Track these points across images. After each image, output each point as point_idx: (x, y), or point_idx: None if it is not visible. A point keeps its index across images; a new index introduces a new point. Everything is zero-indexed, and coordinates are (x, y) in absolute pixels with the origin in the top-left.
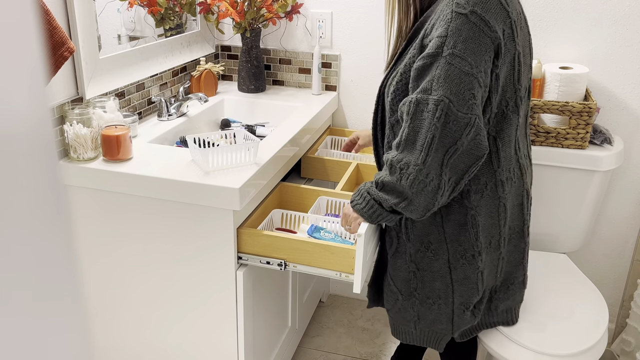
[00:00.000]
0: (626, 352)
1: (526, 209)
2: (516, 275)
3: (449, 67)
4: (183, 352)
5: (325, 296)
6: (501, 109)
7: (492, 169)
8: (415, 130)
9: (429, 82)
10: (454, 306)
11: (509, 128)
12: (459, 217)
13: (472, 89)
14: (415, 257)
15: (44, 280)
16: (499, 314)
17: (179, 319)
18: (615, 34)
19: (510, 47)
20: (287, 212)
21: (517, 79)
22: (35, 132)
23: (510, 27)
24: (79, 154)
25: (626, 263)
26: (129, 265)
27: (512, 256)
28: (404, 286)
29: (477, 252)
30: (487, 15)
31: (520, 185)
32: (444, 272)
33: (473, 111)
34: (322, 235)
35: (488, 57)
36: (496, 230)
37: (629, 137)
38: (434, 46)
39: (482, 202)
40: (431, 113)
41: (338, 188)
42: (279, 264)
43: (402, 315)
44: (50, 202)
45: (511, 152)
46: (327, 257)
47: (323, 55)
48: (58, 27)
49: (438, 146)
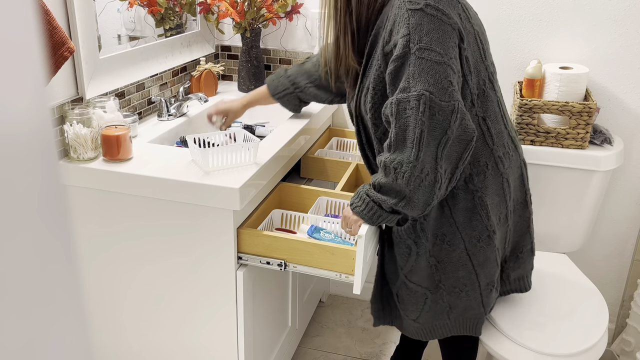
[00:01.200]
0: (626, 352)
1: (526, 179)
2: (524, 244)
3: (420, 61)
4: (183, 352)
5: (325, 296)
6: (481, 89)
7: (488, 148)
8: (402, 129)
9: (406, 81)
10: (481, 289)
11: (492, 105)
12: (466, 203)
13: (447, 76)
14: (433, 252)
15: (44, 280)
16: (512, 282)
17: (179, 319)
18: (615, 34)
19: (469, 28)
20: (287, 212)
21: (484, 57)
22: (35, 132)
23: (462, 9)
24: (79, 154)
25: (626, 263)
26: (129, 265)
27: (518, 226)
28: (429, 282)
29: (492, 232)
30: (440, 4)
31: (517, 157)
32: (465, 261)
33: (454, 97)
34: (322, 235)
35: (453, 43)
36: (503, 206)
37: (629, 137)
38: (401, 47)
39: (487, 182)
40: (415, 109)
41: (338, 188)
42: (279, 264)
43: (434, 311)
44: (50, 202)
45: (501, 127)
46: (327, 257)
47: None
48: (58, 27)
49: (429, 139)
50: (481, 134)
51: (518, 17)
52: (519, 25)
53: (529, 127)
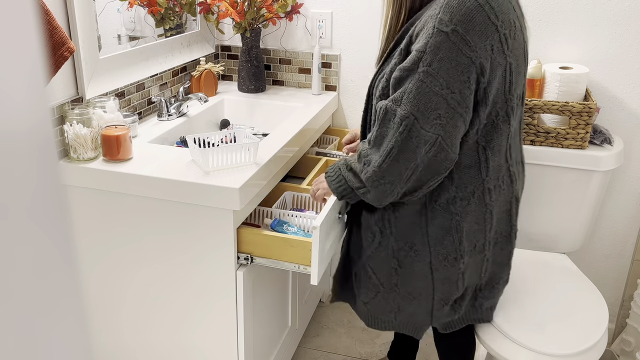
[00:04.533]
0: (626, 352)
1: (514, 215)
2: (501, 275)
3: (421, 84)
4: (183, 352)
5: (325, 296)
6: (491, 119)
7: (480, 177)
8: (381, 135)
9: (401, 94)
10: (434, 302)
11: (499, 137)
12: (443, 221)
13: (438, 109)
14: (397, 254)
15: (43, 280)
16: (484, 311)
17: (179, 318)
18: (615, 34)
19: (501, 61)
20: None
21: (509, 90)
22: (35, 132)
23: (499, 40)
24: (79, 154)
25: (626, 263)
26: (129, 265)
27: (498, 258)
28: (386, 280)
29: (460, 256)
30: (468, 35)
31: (510, 192)
32: (426, 273)
33: (436, 131)
34: (284, 229)
35: (466, 77)
36: (481, 235)
37: (629, 137)
38: (411, 60)
39: (469, 208)
40: (396, 125)
41: (304, 183)
42: (245, 257)
43: (383, 306)
44: (50, 202)
45: (501, 161)
46: (286, 249)
47: (323, 55)
48: (58, 27)
49: (398, 157)
50: (477, 162)
51: None
52: None
53: (529, 127)
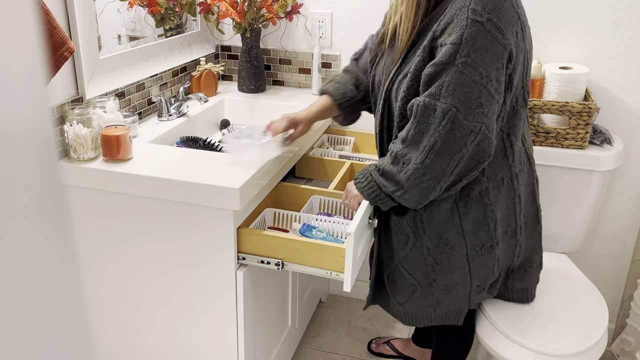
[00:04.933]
0: (626, 352)
1: (537, 195)
2: (534, 258)
3: (460, 75)
4: (183, 352)
5: (325, 296)
6: (512, 105)
7: (507, 164)
8: (420, 132)
9: (438, 88)
10: (471, 288)
11: (519, 122)
12: (477, 214)
13: (480, 98)
14: (433, 252)
15: (44, 280)
16: (515, 291)
17: (179, 318)
18: (615, 34)
19: (522, 47)
20: (279, 211)
21: (526, 75)
22: (35, 132)
23: (521, 28)
24: (79, 154)
25: (626, 263)
26: (129, 265)
27: (529, 241)
28: (423, 278)
29: (496, 242)
30: (501, 22)
31: (530, 174)
32: (463, 264)
33: (479, 119)
34: (313, 234)
35: (500, 64)
36: (512, 220)
37: (629, 137)
38: (447, 54)
39: (500, 196)
40: (438, 120)
41: (331, 187)
42: (277, 263)
43: (421, 303)
44: (50, 202)
45: (520, 145)
46: (318, 255)
47: (323, 55)
48: (58, 27)
49: (441, 151)
50: (503, 149)
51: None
52: None
53: (529, 127)
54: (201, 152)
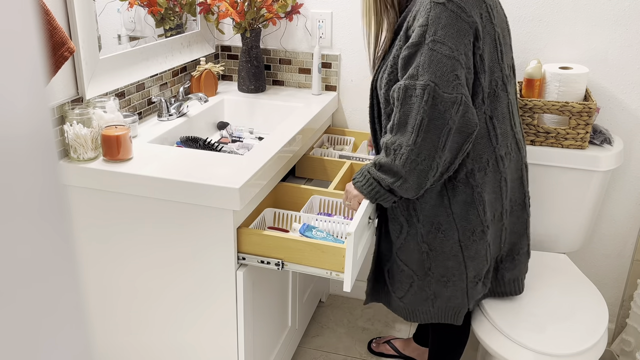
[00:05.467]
0: (626, 352)
1: (525, 182)
2: (521, 245)
3: (432, 52)
4: (183, 352)
5: (325, 296)
6: (492, 89)
7: (491, 146)
8: (405, 114)
9: (415, 69)
10: (467, 280)
11: (501, 106)
12: (465, 196)
13: (454, 70)
14: (427, 238)
15: (44, 280)
16: (506, 283)
17: (179, 319)
18: (615, 34)
19: (490, 29)
20: (279, 211)
21: (501, 58)
22: (35, 132)
23: (486, 10)
24: (79, 154)
25: (626, 263)
26: (129, 265)
27: (516, 227)
28: (419, 267)
29: (486, 227)
30: (462, 2)
31: (519, 159)
32: (456, 251)
33: (458, 90)
34: (313, 234)
35: (467, 40)
36: (499, 204)
37: (629, 137)
38: (417, 35)
39: (486, 178)
40: (419, 97)
41: (331, 187)
42: (277, 263)
43: (419, 296)
44: (50, 202)
45: (507, 128)
46: (318, 255)
47: (323, 55)
48: (58, 27)
49: (429, 127)
50: (486, 132)
51: (518, 17)
52: (519, 25)
53: (529, 127)
54: (201, 152)
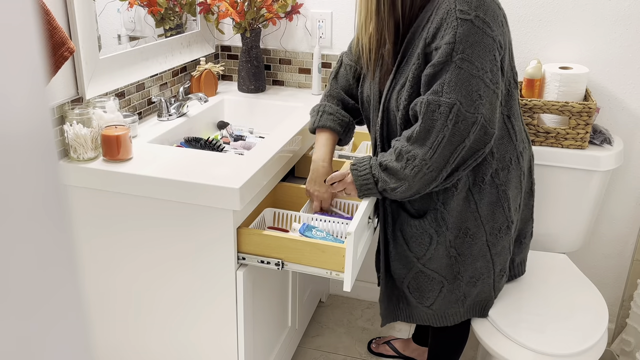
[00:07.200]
0: (626, 352)
1: (533, 169)
2: (527, 230)
3: (459, 71)
4: (183, 352)
5: (325, 296)
6: (507, 88)
7: (512, 144)
8: (427, 129)
9: (440, 85)
10: (495, 276)
11: (514, 103)
12: (491, 197)
13: (478, 90)
14: (455, 244)
15: (44, 280)
16: (515, 267)
17: (179, 318)
18: (615, 34)
19: (507, 33)
20: (278, 211)
21: (512, 58)
22: (35, 132)
23: (503, 16)
24: (79, 154)
25: (626, 263)
26: (129, 265)
27: (524, 214)
28: (447, 272)
29: (511, 222)
30: (487, 16)
31: (530, 150)
32: (484, 252)
33: (479, 110)
34: (313, 234)
35: (493, 56)
36: (519, 197)
37: (629, 137)
38: (444, 53)
39: (509, 176)
40: (444, 115)
41: None
42: (277, 263)
43: (449, 299)
44: (50, 202)
45: (520, 124)
46: (318, 255)
47: (323, 55)
48: (58, 27)
49: (448, 144)
50: (506, 131)
51: (518, 17)
52: (519, 25)
53: (529, 127)
54: (201, 152)
